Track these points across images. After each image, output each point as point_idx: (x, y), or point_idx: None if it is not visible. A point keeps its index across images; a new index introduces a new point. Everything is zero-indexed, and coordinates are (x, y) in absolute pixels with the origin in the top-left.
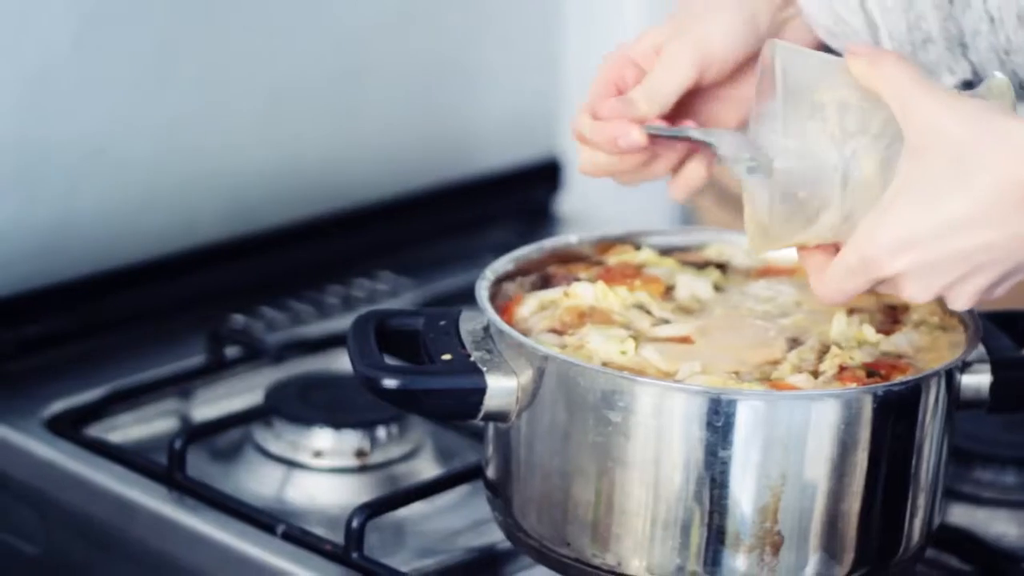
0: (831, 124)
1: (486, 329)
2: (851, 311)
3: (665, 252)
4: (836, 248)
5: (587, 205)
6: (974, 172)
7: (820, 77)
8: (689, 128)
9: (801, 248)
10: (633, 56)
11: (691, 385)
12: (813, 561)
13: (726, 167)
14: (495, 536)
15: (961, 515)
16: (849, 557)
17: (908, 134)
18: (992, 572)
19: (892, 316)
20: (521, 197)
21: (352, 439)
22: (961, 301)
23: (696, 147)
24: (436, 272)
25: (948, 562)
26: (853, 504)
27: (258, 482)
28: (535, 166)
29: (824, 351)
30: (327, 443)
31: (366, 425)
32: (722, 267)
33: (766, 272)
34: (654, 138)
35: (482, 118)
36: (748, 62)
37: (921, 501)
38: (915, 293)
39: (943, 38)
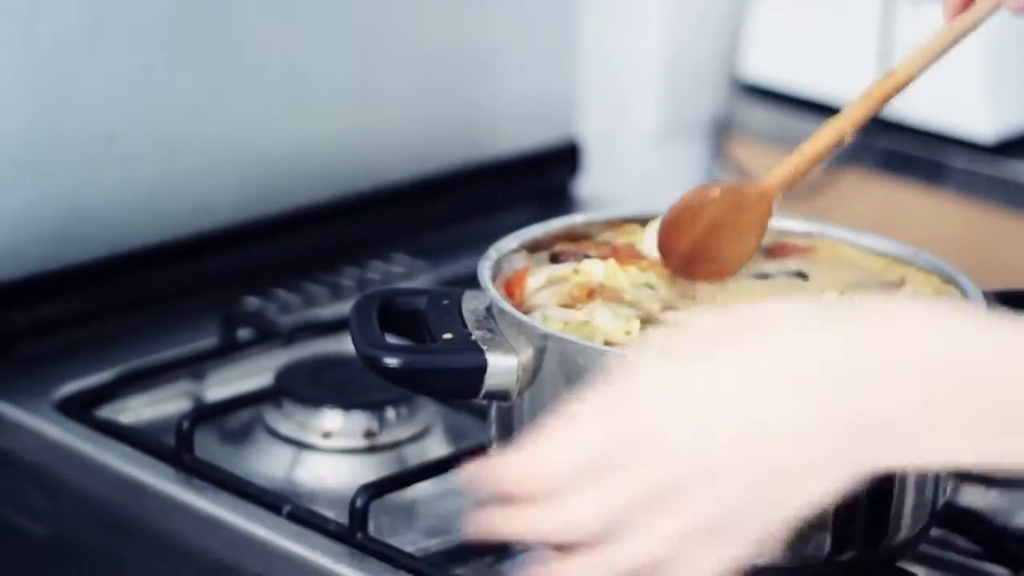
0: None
1: (488, 308)
2: (842, 291)
3: None
4: None
5: (605, 189)
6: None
7: None
8: None
9: None
10: None
11: None
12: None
13: None
14: None
15: (970, 495)
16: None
17: None
18: (1000, 552)
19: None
20: (539, 181)
21: (361, 420)
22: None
23: None
24: (452, 255)
25: (956, 542)
26: None
27: (267, 463)
28: (554, 149)
29: None
30: (336, 424)
31: (375, 406)
32: None
33: (775, 252)
34: None
35: (500, 101)
36: None
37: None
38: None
39: None
